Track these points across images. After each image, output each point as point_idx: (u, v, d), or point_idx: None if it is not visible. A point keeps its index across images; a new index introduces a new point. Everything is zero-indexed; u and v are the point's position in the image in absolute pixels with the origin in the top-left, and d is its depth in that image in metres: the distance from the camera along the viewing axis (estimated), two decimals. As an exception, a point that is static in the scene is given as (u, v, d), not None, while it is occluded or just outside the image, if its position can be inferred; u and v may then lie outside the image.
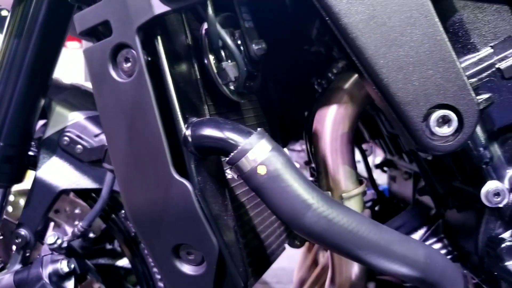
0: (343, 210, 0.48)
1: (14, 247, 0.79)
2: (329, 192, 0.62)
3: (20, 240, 0.77)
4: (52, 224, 1.00)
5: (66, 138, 0.75)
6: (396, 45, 0.45)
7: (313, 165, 0.69)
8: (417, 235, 0.70)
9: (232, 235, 0.52)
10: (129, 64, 0.46)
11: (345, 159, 0.62)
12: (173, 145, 0.47)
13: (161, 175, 0.46)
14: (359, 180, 0.65)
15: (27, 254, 0.81)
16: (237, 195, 0.57)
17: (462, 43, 0.52)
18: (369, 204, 1.04)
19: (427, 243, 0.69)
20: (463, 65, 0.52)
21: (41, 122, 0.79)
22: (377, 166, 1.05)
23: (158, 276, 0.78)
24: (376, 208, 1.07)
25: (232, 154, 0.46)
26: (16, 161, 0.75)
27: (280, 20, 0.66)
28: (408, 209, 0.80)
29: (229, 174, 0.50)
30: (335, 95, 0.61)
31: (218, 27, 0.47)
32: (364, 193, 0.67)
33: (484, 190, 0.53)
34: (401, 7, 0.44)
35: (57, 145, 0.76)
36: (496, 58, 0.51)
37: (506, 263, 0.51)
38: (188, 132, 0.47)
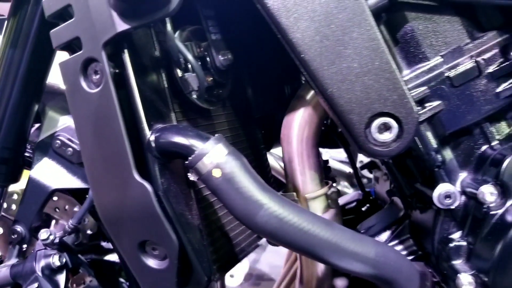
0: (295, 210, 0.51)
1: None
2: (294, 193, 0.65)
3: (16, 235, 0.83)
4: (53, 221, 1.06)
5: (58, 141, 0.80)
6: (339, 58, 0.48)
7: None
8: (386, 235, 0.73)
9: (196, 233, 0.56)
10: (97, 76, 0.51)
11: (310, 162, 0.65)
12: (138, 149, 0.52)
13: (124, 178, 0.50)
14: (325, 182, 0.68)
15: (24, 249, 0.87)
16: (205, 196, 0.61)
17: (413, 53, 0.55)
18: (353, 204, 1.06)
19: (394, 242, 0.71)
20: (414, 73, 0.55)
21: (37, 125, 0.85)
22: (362, 168, 1.08)
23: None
24: (363, 209, 1.10)
25: (190, 158, 0.50)
26: (12, 162, 0.81)
27: (252, 28, 0.70)
28: (383, 209, 0.83)
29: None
30: (300, 101, 0.64)
31: (177, 41, 0.51)
32: (338, 194, 0.71)
33: (436, 192, 0.56)
34: (344, 22, 0.48)
35: (50, 148, 0.81)
36: (446, 67, 0.54)
37: (453, 262, 0.54)
38: (152, 138, 0.52)
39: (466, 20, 0.55)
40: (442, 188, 0.55)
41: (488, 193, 0.51)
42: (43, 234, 0.81)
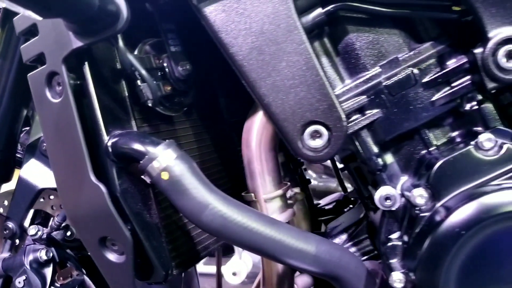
0: (239, 209, 0.56)
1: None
2: (252, 194, 0.70)
3: (7, 231, 0.89)
4: (52, 218, 1.13)
5: (44, 144, 0.87)
6: (274, 71, 0.52)
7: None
8: (346, 234, 0.77)
9: (155, 231, 0.61)
10: (60, 87, 0.56)
11: (267, 165, 0.69)
12: (97, 154, 0.57)
13: (83, 179, 0.56)
14: (284, 183, 0.72)
15: (16, 244, 0.94)
16: (165, 197, 0.66)
17: (354, 63, 0.59)
18: (332, 205, 1.09)
19: (353, 242, 0.75)
20: (354, 83, 0.58)
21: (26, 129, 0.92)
22: (342, 169, 1.11)
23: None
24: (346, 209, 1.13)
25: (141, 162, 0.55)
26: (3, 163, 0.87)
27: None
28: (350, 210, 0.86)
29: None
30: (259, 107, 0.68)
31: (129, 55, 0.56)
32: (304, 194, 0.75)
33: (377, 194, 0.59)
34: (278, 39, 0.52)
35: (37, 150, 0.88)
36: (384, 76, 0.57)
37: (390, 261, 0.57)
38: (109, 143, 0.57)
39: (403, 32, 0.58)
40: (382, 191, 0.59)
41: (418, 195, 0.54)
42: (31, 230, 0.88)
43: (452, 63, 0.55)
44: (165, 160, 0.55)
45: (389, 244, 0.58)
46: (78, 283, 0.93)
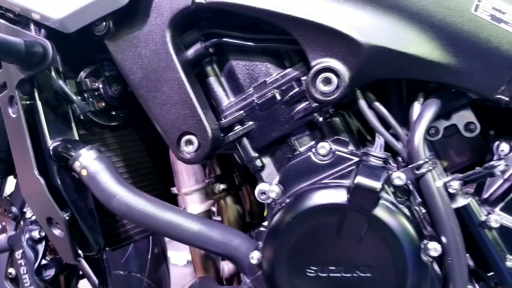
0: (142, 198, 0.73)
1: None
2: (175, 188, 0.86)
3: (11, 214, 1.13)
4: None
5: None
6: (159, 93, 0.69)
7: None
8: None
9: (89, 215, 0.80)
10: (16, 106, 0.77)
11: (187, 165, 0.86)
12: (43, 155, 0.77)
13: (31, 174, 0.75)
14: (204, 181, 0.88)
15: (20, 224, 1.17)
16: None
17: (235, 85, 0.73)
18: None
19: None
20: (235, 101, 0.72)
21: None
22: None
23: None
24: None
25: (69, 162, 0.74)
26: (7, 160, 1.11)
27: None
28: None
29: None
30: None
31: (60, 82, 0.75)
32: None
33: (256, 190, 0.73)
34: (160, 69, 0.68)
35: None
36: (255, 96, 0.71)
37: (258, 243, 0.71)
38: (51, 148, 0.76)
39: (271, 59, 0.71)
40: (260, 187, 0.72)
41: (272, 191, 0.68)
42: (28, 213, 1.10)
43: (303, 86, 0.68)
44: (85, 160, 0.73)
45: (259, 229, 0.72)
46: (67, 259, 1.15)
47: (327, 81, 0.61)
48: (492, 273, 0.64)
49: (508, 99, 0.62)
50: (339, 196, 0.60)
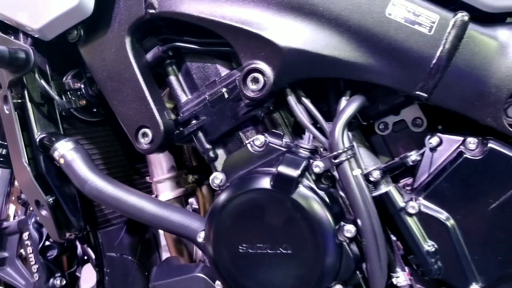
0: (112, 185, 0.83)
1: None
2: (148, 178, 0.96)
3: (20, 200, 1.28)
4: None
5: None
6: (120, 92, 0.79)
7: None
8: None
9: (72, 199, 0.91)
10: (9, 104, 0.89)
11: (159, 157, 0.96)
12: (32, 146, 0.89)
13: (20, 162, 0.88)
14: (176, 170, 0.97)
15: (29, 209, 1.32)
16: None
17: (191, 83, 0.82)
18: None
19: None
20: (190, 98, 0.81)
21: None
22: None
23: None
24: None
25: (50, 151, 0.86)
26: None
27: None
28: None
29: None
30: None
31: (42, 82, 0.87)
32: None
33: (210, 178, 0.82)
34: (121, 71, 0.78)
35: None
36: (207, 94, 0.80)
37: (208, 224, 0.79)
38: (37, 139, 0.88)
39: (221, 61, 0.80)
40: (213, 175, 0.81)
41: (214, 178, 0.76)
42: (34, 200, 1.24)
43: (245, 84, 0.76)
44: (63, 150, 0.84)
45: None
46: (68, 242, 1.28)
47: (255, 81, 0.69)
48: (412, 256, 0.70)
49: (427, 95, 0.67)
50: (265, 182, 0.68)
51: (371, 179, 0.69)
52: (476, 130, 0.70)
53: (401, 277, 0.73)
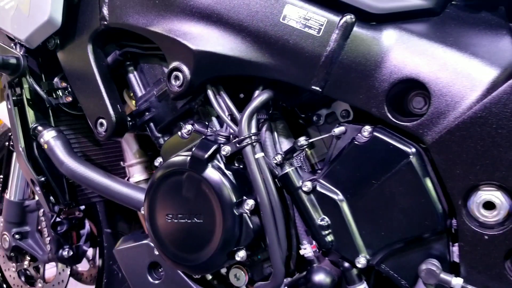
0: (83, 166, 1.01)
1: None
2: (122, 162, 1.13)
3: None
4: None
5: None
6: (83, 88, 0.96)
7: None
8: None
9: (59, 178, 1.11)
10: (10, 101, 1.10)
11: (129, 144, 1.12)
12: (27, 135, 1.09)
13: (18, 148, 1.08)
14: (144, 155, 1.13)
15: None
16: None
17: (144, 81, 0.98)
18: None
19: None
20: (143, 93, 0.97)
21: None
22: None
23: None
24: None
25: (37, 138, 1.05)
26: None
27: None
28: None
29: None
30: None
31: (33, 83, 1.06)
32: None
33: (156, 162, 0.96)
34: (84, 70, 0.95)
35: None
36: (155, 90, 0.95)
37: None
38: (31, 129, 1.08)
39: (166, 63, 0.94)
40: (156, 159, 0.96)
41: (156, 161, 0.91)
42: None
43: (179, 81, 0.90)
44: (47, 137, 1.04)
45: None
46: (77, 220, 1.49)
47: (176, 78, 0.83)
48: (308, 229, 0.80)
49: (321, 89, 0.77)
50: (183, 162, 0.82)
51: (274, 162, 0.80)
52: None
53: (307, 249, 0.83)
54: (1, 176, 1.55)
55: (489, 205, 0.67)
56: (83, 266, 1.59)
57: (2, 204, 1.54)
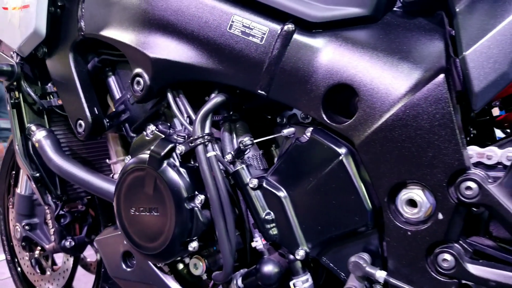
0: (68, 163, 1.11)
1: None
2: (108, 160, 1.23)
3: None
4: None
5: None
6: (66, 92, 1.06)
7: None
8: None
9: (51, 175, 1.22)
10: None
11: (114, 143, 1.21)
12: (24, 134, 1.21)
13: (16, 146, 1.20)
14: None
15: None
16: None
17: (120, 85, 1.07)
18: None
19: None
20: (120, 97, 1.06)
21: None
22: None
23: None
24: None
25: (30, 138, 1.17)
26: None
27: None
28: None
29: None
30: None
31: (27, 88, 1.17)
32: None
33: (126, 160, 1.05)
34: (65, 75, 1.05)
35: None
36: (129, 94, 1.04)
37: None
38: (27, 128, 1.20)
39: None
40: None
41: (125, 159, 0.99)
42: (53, 178, 1.60)
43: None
44: (38, 137, 1.15)
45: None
46: (79, 213, 1.61)
47: (138, 83, 0.91)
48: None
49: (266, 93, 0.83)
50: (144, 160, 0.90)
51: (227, 160, 0.87)
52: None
53: (259, 242, 0.89)
54: (13, 172, 1.69)
55: (413, 203, 0.71)
56: (91, 257, 1.71)
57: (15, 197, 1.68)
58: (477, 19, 0.69)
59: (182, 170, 0.87)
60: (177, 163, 0.88)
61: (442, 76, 0.66)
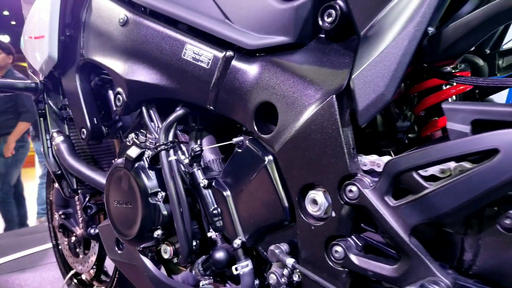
0: (77, 163, 1.36)
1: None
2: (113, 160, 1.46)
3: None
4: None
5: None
6: (74, 104, 1.30)
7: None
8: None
9: (70, 173, 1.47)
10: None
11: (118, 145, 1.44)
12: (47, 138, 1.47)
13: (42, 149, 1.47)
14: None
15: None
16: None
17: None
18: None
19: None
20: (116, 108, 1.28)
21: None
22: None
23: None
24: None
25: (52, 142, 1.43)
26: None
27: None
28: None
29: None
30: (114, 119, 1.45)
31: (49, 101, 1.43)
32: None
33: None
34: (73, 91, 1.29)
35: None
36: (118, 106, 1.25)
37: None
38: (50, 133, 1.46)
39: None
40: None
41: (114, 160, 1.21)
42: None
43: (132, 100, 1.19)
44: (56, 141, 1.41)
45: (122, 183, 1.26)
46: (103, 205, 1.87)
47: (118, 99, 1.12)
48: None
49: (214, 108, 1.00)
50: (122, 162, 1.10)
51: (185, 163, 1.05)
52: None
53: (213, 232, 1.06)
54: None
55: (316, 202, 0.84)
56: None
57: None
58: (369, 43, 0.80)
59: (149, 171, 1.06)
60: (146, 165, 1.07)
61: (333, 97, 0.79)
